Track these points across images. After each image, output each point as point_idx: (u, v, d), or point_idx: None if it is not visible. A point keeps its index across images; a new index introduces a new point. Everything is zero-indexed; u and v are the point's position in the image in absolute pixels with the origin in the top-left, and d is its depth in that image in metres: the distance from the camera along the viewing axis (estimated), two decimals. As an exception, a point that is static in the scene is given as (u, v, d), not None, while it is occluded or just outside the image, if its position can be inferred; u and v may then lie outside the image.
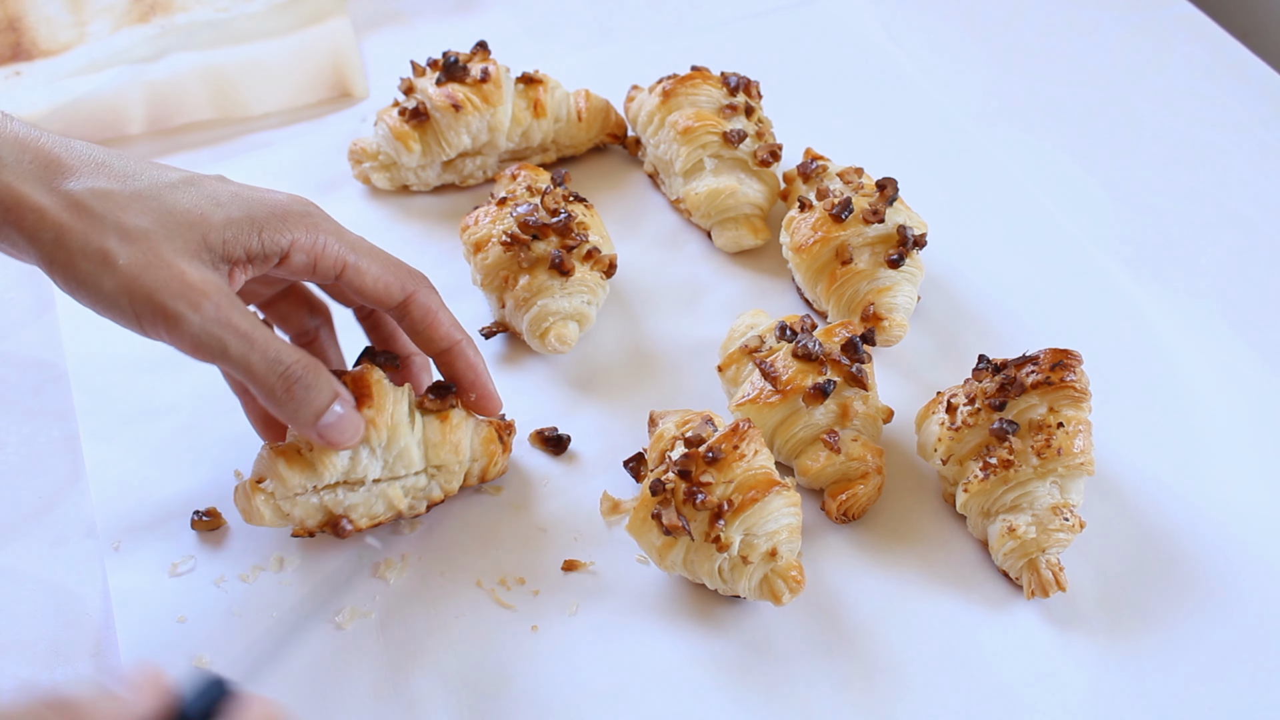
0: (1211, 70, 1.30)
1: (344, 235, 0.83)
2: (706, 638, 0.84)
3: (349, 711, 0.80)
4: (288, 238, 0.79)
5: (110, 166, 0.77)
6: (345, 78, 1.27)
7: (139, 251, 0.73)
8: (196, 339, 0.74)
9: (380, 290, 0.83)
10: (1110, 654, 0.83)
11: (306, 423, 0.78)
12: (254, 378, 0.76)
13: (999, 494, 0.86)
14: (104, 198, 0.74)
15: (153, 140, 1.21)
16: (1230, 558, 0.88)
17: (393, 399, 0.84)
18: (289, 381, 0.76)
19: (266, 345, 0.75)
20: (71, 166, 0.75)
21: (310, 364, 0.78)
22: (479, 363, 0.88)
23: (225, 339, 0.74)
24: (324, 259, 0.81)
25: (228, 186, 0.80)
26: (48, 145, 0.76)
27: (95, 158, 0.77)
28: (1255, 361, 1.02)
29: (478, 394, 0.88)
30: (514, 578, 0.88)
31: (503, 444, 0.90)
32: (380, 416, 0.83)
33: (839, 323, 0.94)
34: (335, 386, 0.79)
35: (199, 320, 0.73)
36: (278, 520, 0.85)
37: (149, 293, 0.73)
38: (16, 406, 0.99)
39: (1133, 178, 1.19)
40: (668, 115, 1.11)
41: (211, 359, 0.75)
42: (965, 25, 1.37)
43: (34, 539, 0.90)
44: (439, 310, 0.86)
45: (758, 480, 0.83)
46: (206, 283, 0.74)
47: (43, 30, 1.28)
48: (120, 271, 0.73)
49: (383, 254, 0.84)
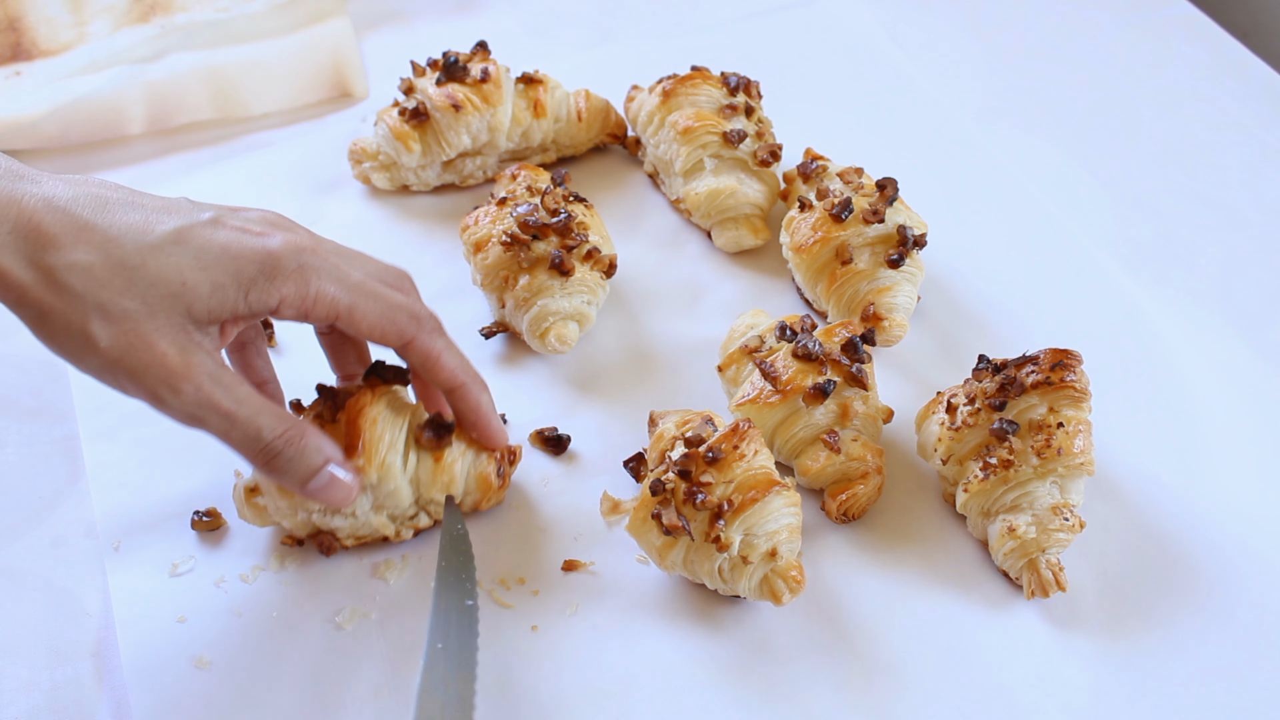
0: (1211, 70, 1.30)
1: (344, 279, 0.79)
2: (706, 638, 0.84)
3: (349, 711, 0.80)
4: (275, 296, 0.77)
5: (94, 229, 0.73)
6: (345, 78, 1.27)
7: (120, 333, 0.72)
8: (179, 417, 0.75)
9: (377, 336, 0.82)
10: (1110, 654, 0.83)
11: (294, 488, 0.79)
12: (237, 450, 0.77)
13: (999, 494, 0.86)
14: (85, 274, 0.72)
15: (153, 140, 1.21)
16: (1230, 558, 0.88)
17: (388, 441, 0.83)
18: (268, 456, 0.77)
19: (247, 423, 0.75)
20: (52, 235, 0.72)
21: (294, 436, 0.77)
22: (483, 404, 0.87)
23: (206, 419, 0.75)
24: (315, 310, 0.78)
25: (217, 237, 0.76)
26: (30, 208, 0.72)
27: (78, 219, 0.73)
28: (1255, 361, 1.02)
29: (479, 434, 0.87)
30: (514, 578, 0.88)
31: (502, 477, 0.89)
32: (372, 462, 0.82)
33: (839, 323, 0.94)
34: (326, 452, 0.79)
35: (179, 404, 0.74)
36: (268, 525, 0.87)
37: (131, 374, 0.73)
38: (16, 406, 0.99)
39: (1133, 178, 1.19)
40: (668, 115, 1.11)
41: (197, 429, 0.76)
42: (965, 25, 1.37)
43: (34, 539, 0.90)
44: (442, 354, 0.84)
45: (758, 480, 0.83)
46: (188, 365, 0.74)
47: (43, 30, 1.28)
48: (102, 354, 0.72)
49: (385, 298, 0.81)
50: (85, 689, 0.82)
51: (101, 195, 0.76)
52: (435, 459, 0.86)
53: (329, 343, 0.91)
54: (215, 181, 1.16)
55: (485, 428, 0.87)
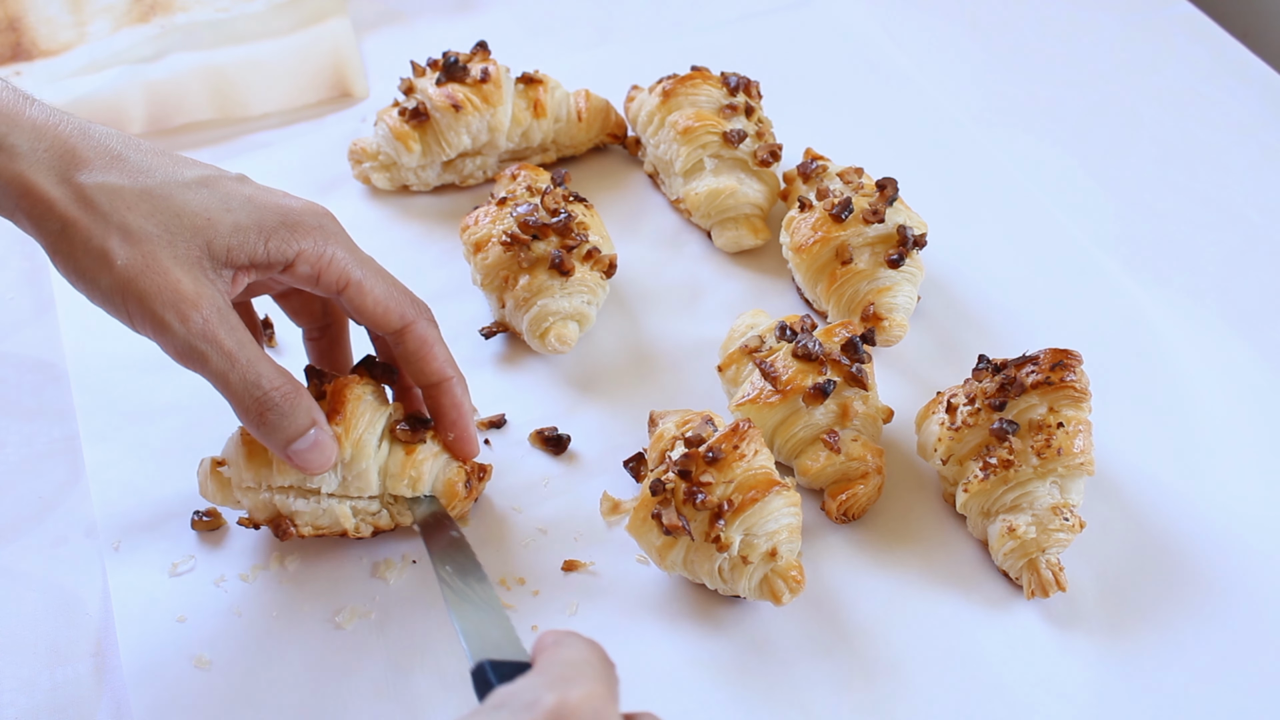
0: (1211, 70, 1.30)
1: (355, 251, 0.82)
2: (706, 638, 0.84)
3: (349, 711, 0.80)
4: (294, 248, 0.78)
5: (125, 160, 0.77)
6: (345, 78, 1.27)
7: (138, 254, 0.74)
8: (180, 348, 0.75)
9: (379, 313, 0.82)
10: (1110, 654, 0.83)
11: (277, 446, 0.79)
12: (230, 395, 0.77)
13: (999, 494, 0.86)
14: (113, 194, 0.74)
15: (152, 140, 1.21)
16: (1230, 558, 0.88)
17: (368, 420, 0.84)
18: (262, 406, 0.77)
19: (248, 366, 0.76)
20: (86, 158, 0.75)
21: (289, 391, 0.78)
22: (465, 403, 0.87)
23: (208, 353, 0.75)
24: (329, 272, 0.80)
25: (243, 189, 0.80)
26: (65, 133, 0.76)
27: (112, 149, 0.77)
28: (1255, 361, 1.02)
29: (456, 435, 0.87)
30: (514, 578, 0.88)
31: (470, 490, 0.88)
32: (349, 434, 0.82)
33: (839, 323, 0.94)
34: (314, 415, 0.79)
35: (184, 332, 0.74)
36: (228, 503, 0.86)
37: (141, 297, 0.74)
38: (16, 406, 0.99)
39: (1133, 178, 1.19)
40: (668, 115, 1.11)
41: (194, 368, 0.76)
42: (965, 25, 1.37)
43: (34, 539, 0.90)
44: (435, 344, 0.85)
45: (758, 480, 0.83)
46: (199, 295, 0.75)
47: (43, 30, 1.28)
48: (117, 272, 0.73)
49: (391, 278, 0.84)
50: (85, 689, 0.82)
51: (134, 140, 0.79)
52: (407, 452, 0.85)
53: (319, 348, 0.92)
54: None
55: (464, 428, 0.87)
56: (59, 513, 0.92)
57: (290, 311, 0.91)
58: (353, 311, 0.83)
